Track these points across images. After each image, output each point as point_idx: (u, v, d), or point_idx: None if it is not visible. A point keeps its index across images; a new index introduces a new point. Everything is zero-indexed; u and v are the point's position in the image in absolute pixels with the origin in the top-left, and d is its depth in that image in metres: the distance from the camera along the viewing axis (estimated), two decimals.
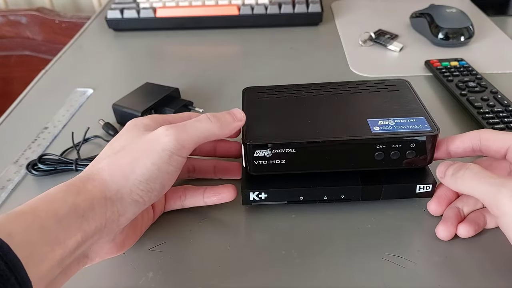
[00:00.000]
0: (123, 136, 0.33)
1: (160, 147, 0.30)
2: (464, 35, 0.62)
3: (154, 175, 0.30)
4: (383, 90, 0.39)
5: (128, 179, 0.29)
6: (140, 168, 0.30)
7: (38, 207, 0.26)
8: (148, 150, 0.30)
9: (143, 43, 0.70)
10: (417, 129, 0.33)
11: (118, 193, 0.29)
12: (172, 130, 0.31)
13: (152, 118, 0.34)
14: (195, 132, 0.32)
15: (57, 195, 0.27)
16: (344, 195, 0.36)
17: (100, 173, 0.30)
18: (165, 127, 0.31)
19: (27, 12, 1.05)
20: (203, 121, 0.33)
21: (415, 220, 0.36)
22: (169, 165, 0.30)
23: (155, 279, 0.32)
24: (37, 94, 0.59)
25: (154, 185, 0.30)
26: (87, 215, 0.27)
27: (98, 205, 0.28)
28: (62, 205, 0.27)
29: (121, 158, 0.30)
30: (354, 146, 0.33)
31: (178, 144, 0.30)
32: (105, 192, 0.29)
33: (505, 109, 0.45)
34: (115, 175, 0.29)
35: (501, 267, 0.32)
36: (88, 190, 0.28)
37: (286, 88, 0.40)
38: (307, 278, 0.32)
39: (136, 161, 0.30)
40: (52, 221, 0.26)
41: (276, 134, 0.34)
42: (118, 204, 0.29)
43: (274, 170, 0.35)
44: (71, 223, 0.26)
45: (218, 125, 0.33)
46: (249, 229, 0.36)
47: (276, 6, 0.71)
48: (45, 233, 0.25)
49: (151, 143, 0.30)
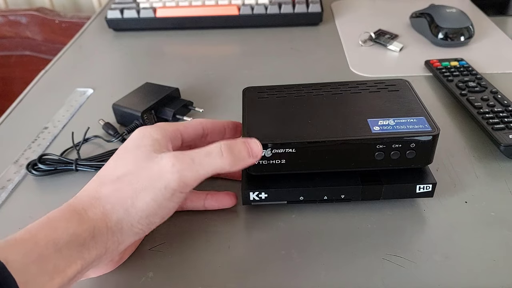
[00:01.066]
0: (129, 155, 0.31)
1: (162, 184, 0.29)
2: (464, 35, 0.62)
3: (154, 211, 0.29)
4: (383, 90, 0.39)
5: (129, 213, 0.29)
6: (141, 203, 0.29)
7: (38, 234, 0.26)
8: (150, 186, 0.29)
9: (143, 43, 0.70)
10: (417, 129, 0.33)
11: (118, 224, 0.29)
12: (178, 166, 0.29)
13: (162, 130, 0.32)
14: (202, 169, 0.30)
15: (59, 223, 0.27)
16: (344, 195, 0.36)
17: (102, 200, 0.29)
18: (172, 160, 0.29)
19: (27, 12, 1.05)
20: (214, 156, 0.30)
21: (415, 220, 0.36)
22: (170, 202, 0.30)
23: (155, 279, 0.32)
24: (37, 94, 0.59)
25: (153, 219, 0.30)
26: (88, 243, 0.27)
27: (99, 234, 0.28)
28: (63, 234, 0.26)
29: (123, 188, 0.29)
30: (354, 146, 0.33)
31: (182, 183, 0.29)
32: (106, 222, 0.28)
33: (505, 109, 0.45)
34: (116, 206, 0.29)
35: (501, 267, 0.32)
36: (90, 219, 0.28)
37: (286, 88, 0.40)
38: (307, 278, 0.32)
39: (137, 195, 0.29)
40: (52, 250, 0.25)
41: (276, 134, 0.34)
42: (118, 235, 0.29)
43: (275, 170, 0.35)
44: (72, 252, 0.26)
45: (230, 161, 0.31)
46: (249, 229, 0.36)
47: (276, 6, 0.71)
48: (44, 262, 0.25)
49: (154, 178, 0.29)
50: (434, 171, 0.38)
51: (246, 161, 0.32)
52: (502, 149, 0.41)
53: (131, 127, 0.47)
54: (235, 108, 0.51)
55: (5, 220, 0.38)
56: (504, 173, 0.40)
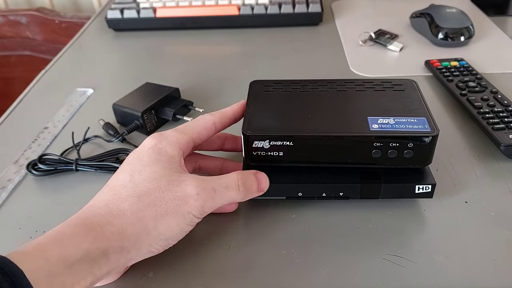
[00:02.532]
0: (146, 168, 0.31)
1: (186, 209, 0.30)
2: (464, 35, 0.62)
3: (174, 235, 0.31)
4: (388, 89, 0.39)
5: (149, 233, 0.29)
6: (164, 227, 0.30)
7: (50, 250, 0.25)
8: (175, 211, 0.30)
9: (143, 43, 0.70)
10: (416, 129, 0.33)
11: (136, 244, 0.29)
12: (202, 195, 0.31)
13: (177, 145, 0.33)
14: (221, 200, 0.32)
15: (72, 240, 0.27)
16: (342, 193, 0.36)
17: (120, 217, 0.29)
18: (196, 188, 0.31)
19: (27, 12, 1.05)
20: (233, 191, 0.32)
21: (415, 220, 0.36)
22: (189, 226, 0.31)
23: (155, 279, 0.32)
24: (37, 94, 0.59)
25: (172, 242, 0.31)
26: (100, 260, 0.27)
27: (113, 252, 0.28)
28: (75, 251, 0.26)
29: (146, 210, 0.29)
30: (350, 143, 0.34)
31: (203, 211, 0.31)
32: (123, 242, 0.28)
33: (505, 109, 0.45)
34: (137, 226, 0.29)
35: (501, 267, 0.32)
36: (105, 237, 0.28)
37: (292, 83, 0.41)
38: (307, 278, 0.32)
39: (161, 219, 0.29)
40: (62, 267, 0.25)
41: (275, 126, 0.35)
42: (133, 253, 0.29)
43: (272, 161, 0.35)
44: (82, 269, 0.26)
45: (244, 195, 0.33)
46: (249, 229, 0.36)
47: (276, 6, 0.71)
48: (53, 279, 0.24)
49: (179, 204, 0.30)
50: (434, 171, 0.38)
51: (254, 195, 0.34)
52: (502, 149, 0.41)
53: (131, 127, 0.47)
54: None
55: (5, 220, 0.38)
56: (504, 173, 0.40)
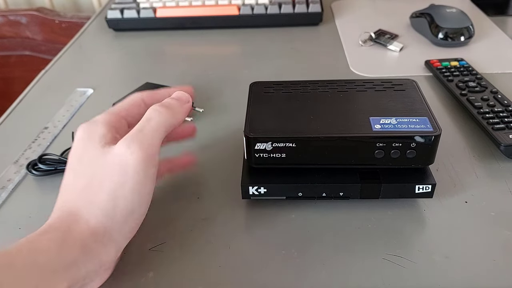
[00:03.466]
0: (82, 158, 0.30)
1: (131, 170, 0.28)
2: (464, 35, 0.62)
3: (137, 203, 0.29)
4: (389, 89, 0.39)
5: (113, 218, 0.28)
6: (121, 201, 0.28)
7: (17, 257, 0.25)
8: (121, 178, 0.28)
9: (143, 43, 0.70)
10: (419, 128, 0.33)
11: (106, 234, 0.28)
12: (134, 145, 0.28)
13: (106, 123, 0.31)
14: (155, 133, 0.30)
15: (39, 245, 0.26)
16: (342, 193, 0.36)
17: (82, 215, 0.28)
18: (125, 144, 0.29)
19: (27, 12, 1.05)
20: (156, 117, 0.30)
21: (415, 220, 0.36)
22: (146, 184, 0.29)
23: (155, 279, 0.32)
24: (37, 94, 0.59)
25: (140, 211, 0.29)
26: (78, 261, 0.26)
27: (90, 250, 0.27)
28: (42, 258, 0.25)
29: (96, 194, 0.28)
30: (354, 143, 0.34)
31: (147, 156, 0.28)
32: (95, 236, 0.27)
33: (505, 109, 0.45)
34: (98, 216, 0.28)
35: (501, 267, 0.32)
36: (74, 238, 0.27)
37: (293, 84, 0.41)
38: (307, 278, 0.32)
39: (113, 194, 0.28)
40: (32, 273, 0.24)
41: (277, 128, 0.35)
42: (110, 244, 0.28)
43: (275, 163, 0.35)
44: (56, 273, 0.25)
45: (171, 114, 0.31)
46: (249, 229, 0.36)
47: (276, 6, 0.71)
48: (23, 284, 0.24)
49: (120, 168, 0.28)
50: (434, 171, 0.38)
51: (182, 108, 0.33)
52: (502, 149, 0.41)
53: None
54: (236, 108, 0.51)
55: (5, 220, 0.38)
56: (504, 173, 0.40)
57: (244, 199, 0.37)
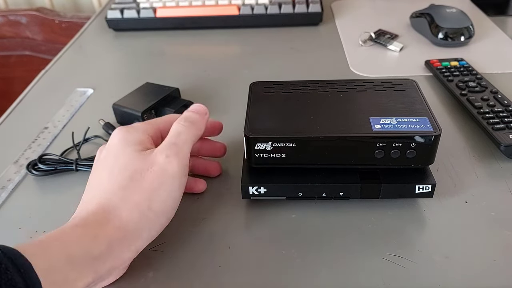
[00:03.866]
0: (120, 158, 0.32)
1: (169, 176, 0.31)
2: (464, 35, 0.62)
3: (169, 206, 0.31)
4: (389, 89, 0.39)
5: (147, 217, 0.30)
6: (158, 204, 0.30)
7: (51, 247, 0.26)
8: (159, 182, 0.31)
9: (143, 43, 0.70)
10: (419, 128, 0.33)
11: (136, 232, 0.29)
12: (172, 154, 0.32)
13: (144, 132, 0.34)
14: (186, 145, 0.33)
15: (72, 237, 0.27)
16: (342, 193, 0.36)
17: (116, 212, 0.29)
18: (163, 153, 0.32)
19: (27, 12, 1.05)
20: (184, 131, 0.34)
21: (416, 220, 0.36)
22: (179, 190, 0.32)
23: (155, 279, 0.32)
24: (37, 94, 0.59)
25: (170, 214, 0.32)
26: (103, 256, 0.27)
27: (116, 248, 0.28)
28: (75, 249, 0.26)
29: (133, 194, 0.30)
30: (354, 143, 0.34)
31: (182, 165, 0.32)
32: (124, 233, 0.29)
33: (505, 109, 0.45)
34: (133, 214, 0.29)
35: (501, 267, 0.32)
36: (106, 235, 0.28)
37: (293, 84, 0.41)
38: (307, 278, 0.32)
39: (151, 196, 0.30)
40: (63, 263, 0.25)
41: (277, 128, 0.35)
42: (137, 243, 0.30)
43: (275, 163, 0.35)
44: (84, 266, 0.26)
45: (195, 127, 0.34)
46: (249, 229, 0.36)
47: (276, 6, 0.71)
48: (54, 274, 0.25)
49: (159, 174, 0.31)
50: (434, 171, 0.38)
51: (203, 120, 0.36)
52: (502, 149, 0.41)
53: None
54: (236, 108, 0.51)
55: (5, 220, 0.38)
56: (504, 173, 0.40)
57: (244, 199, 0.37)
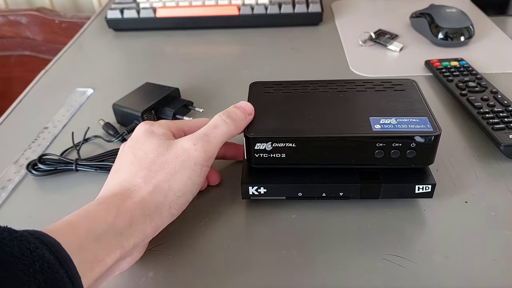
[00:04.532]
0: (145, 144, 0.33)
1: (192, 162, 0.32)
2: (464, 35, 0.62)
3: (189, 189, 0.32)
4: (389, 89, 0.39)
5: (167, 195, 0.31)
6: (178, 184, 0.31)
7: (79, 226, 0.27)
8: (182, 166, 0.32)
9: (143, 43, 0.70)
10: (419, 129, 0.33)
11: (157, 209, 0.30)
12: (199, 144, 0.33)
13: (164, 125, 0.35)
14: (217, 139, 0.34)
15: (97, 214, 0.28)
16: (342, 193, 0.36)
17: (137, 190, 0.31)
18: (191, 140, 0.33)
19: (27, 12, 1.05)
20: (221, 126, 0.34)
21: (416, 220, 0.36)
22: (200, 177, 0.33)
23: (155, 279, 0.32)
24: (37, 94, 0.59)
25: (189, 197, 0.33)
26: (127, 232, 0.28)
27: (137, 222, 0.29)
28: (101, 224, 0.27)
29: (157, 174, 0.31)
30: (353, 143, 0.34)
31: (206, 157, 0.33)
32: (144, 210, 0.30)
33: (505, 109, 0.45)
34: (154, 193, 0.31)
35: (501, 267, 0.32)
36: (128, 209, 0.29)
37: (292, 84, 0.41)
38: (307, 278, 0.32)
39: (172, 177, 0.31)
40: (92, 240, 0.26)
41: (277, 128, 0.35)
42: (157, 220, 0.30)
43: (275, 163, 0.35)
44: (111, 242, 0.27)
45: (234, 126, 0.34)
46: (249, 229, 0.36)
47: (276, 6, 0.71)
48: (84, 253, 0.25)
49: (183, 159, 0.32)
50: (434, 171, 0.38)
51: (245, 120, 0.35)
52: (502, 149, 0.41)
53: (131, 127, 0.47)
54: None
55: (5, 220, 0.38)
56: (504, 173, 0.40)
57: (244, 199, 0.37)
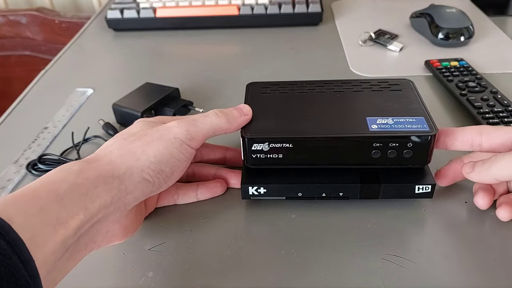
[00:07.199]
0: (132, 127, 0.34)
1: (171, 135, 0.32)
2: (464, 35, 0.62)
3: (165, 158, 0.31)
4: (385, 89, 0.39)
5: (139, 159, 0.30)
6: (153, 150, 0.31)
7: (38, 188, 0.26)
8: (160, 137, 0.32)
9: (143, 43, 0.70)
10: (415, 128, 0.33)
11: (127, 171, 0.30)
12: (183, 123, 0.33)
13: (159, 118, 0.36)
14: (204, 125, 0.34)
15: (57, 175, 0.27)
16: (342, 193, 0.36)
17: (107, 155, 0.30)
18: (176, 121, 0.33)
19: (27, 12, 1.05)
20: (211, 116, 0.34)
21: (415, 220, 0.36)
22: (179, 152, 0.32)
23: (155, 279, 0.32)
24: (37, 94, 0.59)
25: (164, 167, 0.31)
26: (91, 192, 0.27)
27: (104, 183, 0.28)
28: (62, 185, 0.26)
29: (132, 142, 0.31)
30: (350, 143, 0.34)
31: (188, 135, 0.32)
32: (112, 171, 0.29)
33: (505, 109, 0.45)
34: (125, 156, 0.30)
35: (501, 267, 0.32)
36: (92, 169, 0.28)
37: (289, 85, 0.40)
38: (307, 278, 0.32)
39: (148, 144, 0.31)
40: (53, 201, 0.25)
41: (274, 128, 0.35)
42: (127, 182, 0.29)
43: (271, 164, 0.35)
44: (74, 202, 0.26)
45: (225, 120, 0.34)
46: (249, 229, 0.36)
47: (276, 6, 0.71)
48: (45, 214, 0.25)
49: (163, 132, 0.32)
50: (434, 171, 0.38)
51: (239, 120, 0.35)
52: None
53: None
54: None
55: None
56: None
57: (244, 199, 0.37)
